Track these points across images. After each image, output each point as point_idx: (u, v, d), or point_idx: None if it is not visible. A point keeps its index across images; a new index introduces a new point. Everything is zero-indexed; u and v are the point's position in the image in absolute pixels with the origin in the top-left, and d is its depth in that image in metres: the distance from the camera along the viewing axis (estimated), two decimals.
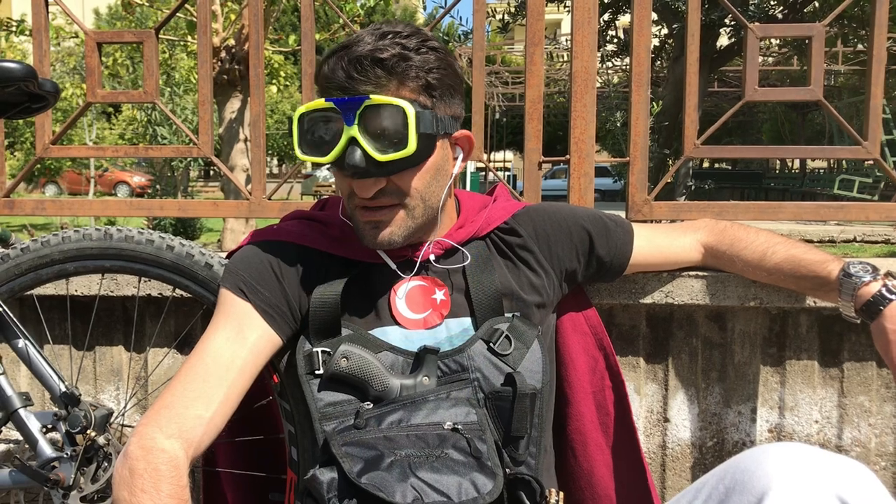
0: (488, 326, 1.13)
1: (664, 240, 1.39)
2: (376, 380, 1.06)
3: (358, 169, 1.03)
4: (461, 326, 1.15)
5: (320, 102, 1.04)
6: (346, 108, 1.02)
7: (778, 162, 24.25)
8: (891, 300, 1.17)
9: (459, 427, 1.03)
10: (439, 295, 1.16)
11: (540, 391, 1.11)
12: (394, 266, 1.16)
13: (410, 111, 1.02)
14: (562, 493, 1.06)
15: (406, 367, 1.10)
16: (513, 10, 9.57)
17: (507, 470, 1.03)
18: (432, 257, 1.18)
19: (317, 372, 1.08)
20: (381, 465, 0.96)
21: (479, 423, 1.05)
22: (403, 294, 1.16)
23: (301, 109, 1.06)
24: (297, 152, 1.05)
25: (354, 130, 1.02)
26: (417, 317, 1.14)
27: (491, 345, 1.11)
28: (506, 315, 1.16)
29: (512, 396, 1.06)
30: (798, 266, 1.30)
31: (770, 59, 15.51)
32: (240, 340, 1.09)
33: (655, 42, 9.80)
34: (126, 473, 0.98)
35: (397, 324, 1.14)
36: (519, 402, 1.06)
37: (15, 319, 1.44)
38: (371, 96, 1.02)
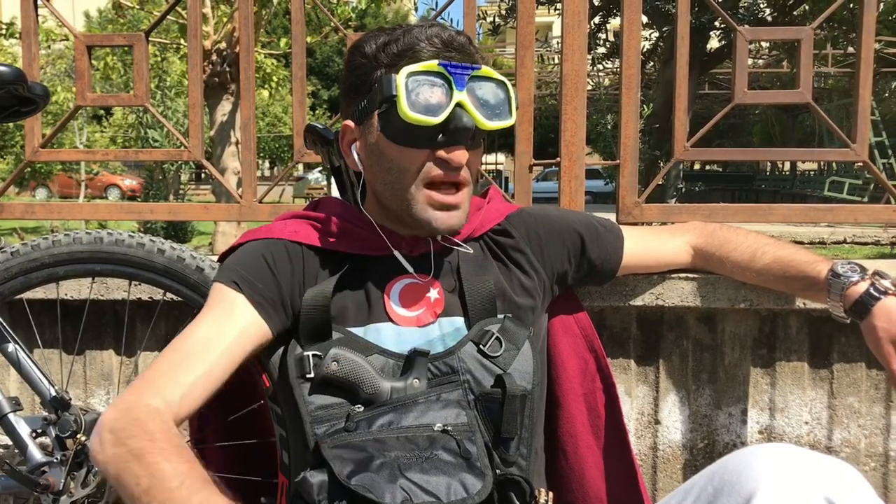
0: (479, 328, 1.13)
1: (654, 242, 1.40)
2: (367, 383, 1.05)
3: (467, 132, 1.05)
4: (453, 326, 1.15)
5: (432, 65, 1.04)
6: (458, 73, 1.04)
7: (768, 164, 24.34)
8: (879, 299, 1.18)
9: (449, 428, 1.03)
10: (433, 293, 1.16)
11: (530, 392, 1.12)
12: (404, 261, 1.15)
13: (510, 86, 1.09)
14: (551, 493, 1.06)
15: (396, 369, 1.10)
16: (504, 12, 9.61)
17: (497, 471, 1.03)
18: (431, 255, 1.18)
19: (307, 375, 1.08)
20: (371, 466, 0.96)
21: (468, 425, 1.05)
22: (398, 291, 1.16)
23: (410, 69, 1.04)
24: (407, 112, 1.02)
25: (463, 96, 1.04)
26: (411, 314, 1.14)
27: (481, 346, 1.11)
28: (497, 316, 1.16)
29: (501, 398, 1.06)
30: (787, 267, 1.30)
31: (760, 62, 15.59)
32: (227, 322, 1.08)
33: (646, 45, 9.84)
34: (107, 436, 0.95)
35: (390, 320, 1.14)
36: (508, 403, 1.06)
37: (4, 323, 1.43)
38: (482, 66, 1.07)
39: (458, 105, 1.04)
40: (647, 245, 1.38)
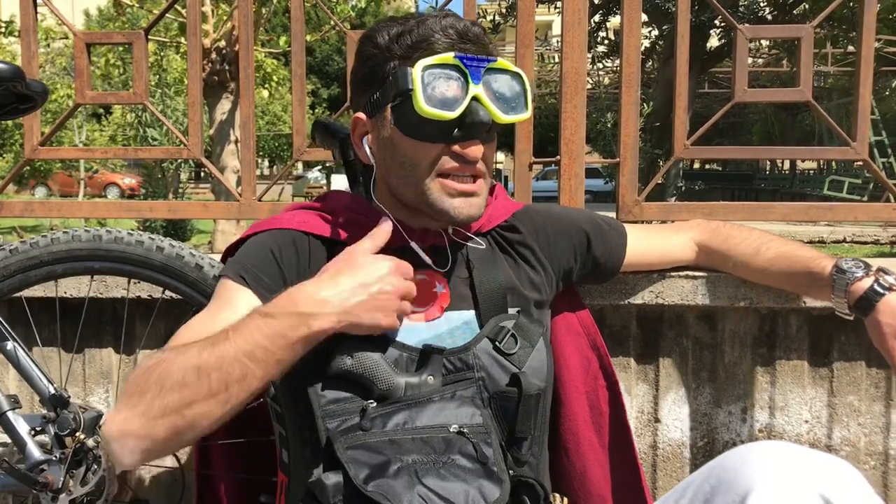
0: (494, 324, 1.12)
1: (657, 239, 1.40)
2: (381, 379, 1.03)
3: (483, 126, 1.04)
4: (462, 319, 1.13)
5: (448, 57, 1.01)
6: (474, 66, 1.02)
7: (768, 163, 24.35)
8: (883, 295, 1.17)
9: (465, 430, 1.01)
10: (439, 287, 1.15)
11: (544, 391, 1.11)
12: (421, 252, 1.12)
13: (526, 79, 1.07)
14: (566, 499, 1.04)
15: (409, 363, 1.07)
16: (503, 10, 9.61)
17: (511, 471, 1.02)
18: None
19: (320, 370, 1.06)
20: (388, 471, 0.94)
21: (484, 426, 1.03)
22: None
23: (426, 62, 1.01)
24: (423, 106, 1.00)
25: (479, 89, 1.03)
26: (418, 310, 1.12)
27: (497, 343, 1.10)
28: (510, 311, 1.15)
29: (517, 397, 1.06)
30: (791, 262, 1.30)
31: (760, 61, 15.60)
32: (228, 311, 1.06)
33: (646, 43, 9.85)
34: (115, 432, 0.94)
35: None
36: (524, 403, 1.05)
37: (3, 321, 1.43)
38: (498, 59, 1.05)
39: (475, 99, 1.02)
40: (650, 242, 1.38)
